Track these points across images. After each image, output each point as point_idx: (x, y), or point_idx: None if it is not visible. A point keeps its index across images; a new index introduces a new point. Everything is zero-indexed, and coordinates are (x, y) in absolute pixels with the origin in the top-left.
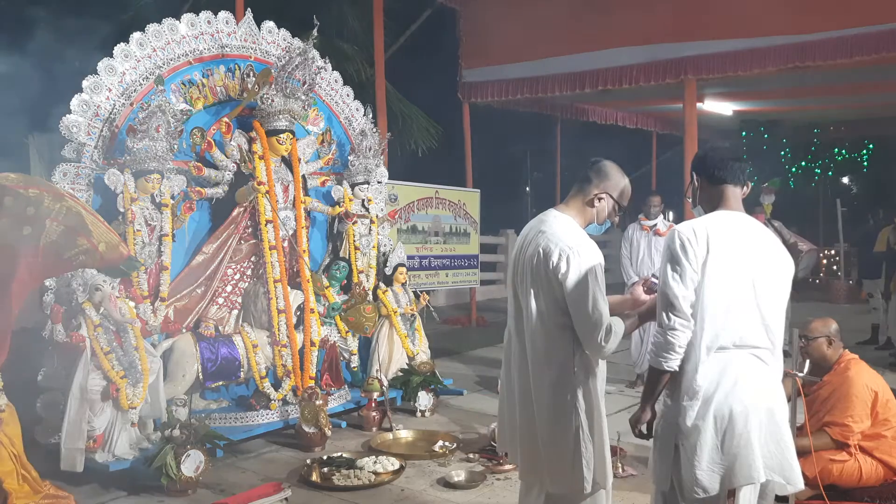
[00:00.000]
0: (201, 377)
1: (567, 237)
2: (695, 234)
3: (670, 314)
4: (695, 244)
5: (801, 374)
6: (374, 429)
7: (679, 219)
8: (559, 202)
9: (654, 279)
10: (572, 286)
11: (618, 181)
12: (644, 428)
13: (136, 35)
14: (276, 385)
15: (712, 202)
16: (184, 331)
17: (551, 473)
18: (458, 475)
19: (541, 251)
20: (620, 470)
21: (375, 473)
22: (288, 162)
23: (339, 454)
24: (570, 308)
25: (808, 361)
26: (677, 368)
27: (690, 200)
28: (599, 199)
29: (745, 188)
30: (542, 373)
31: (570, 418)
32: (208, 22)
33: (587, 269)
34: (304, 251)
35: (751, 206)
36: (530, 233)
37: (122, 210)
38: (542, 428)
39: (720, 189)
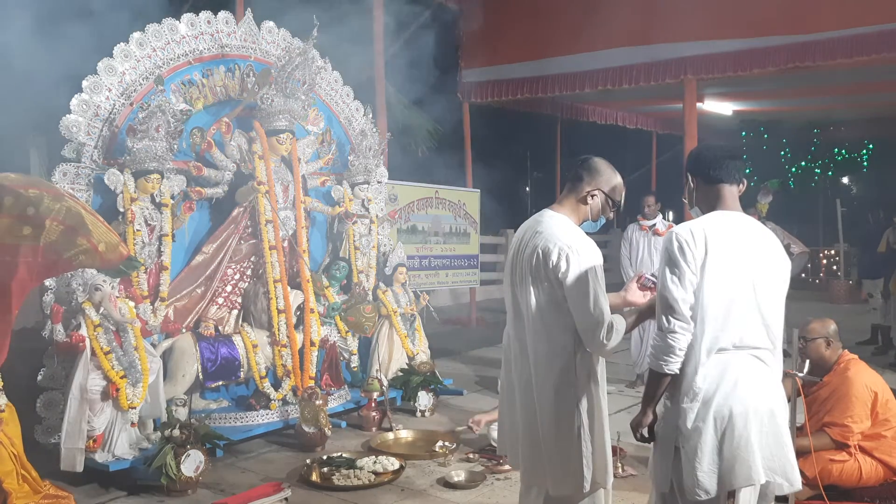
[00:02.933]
0: (201, 377)
1: (565, 236)
2: (693, 236)
3: (670, 317)
4: (693, 246)
5: (801, 375)
6: (374, 429)
7: (679, 219)
8: None
9: (648, 276)
10: (573, 284)
11: (609, 177)
12: (646, 431)
13: (135, 35)
14: (276, 385)
15: (709, 202)
16: (184, 331)
17: (553, 474)
18: (458, 475)
19: (539, 251)
20: (620, 470)
21: (375, 473)
22: (288, 162)
23: (339, 454)
24: (570, 306)
25: (807, 361)
26: (678, 371)
27: (687, 202)
28: (592, 196)
29: (741, 186)
30: (543, 373)
31: (572, 418)
32: (208, 22)
33: (587, 268)
34: (304, 251)
35: (746, 205)
36: (527, 233)
37: (122, 210)
38: (544, 428)
39: (717, 189)
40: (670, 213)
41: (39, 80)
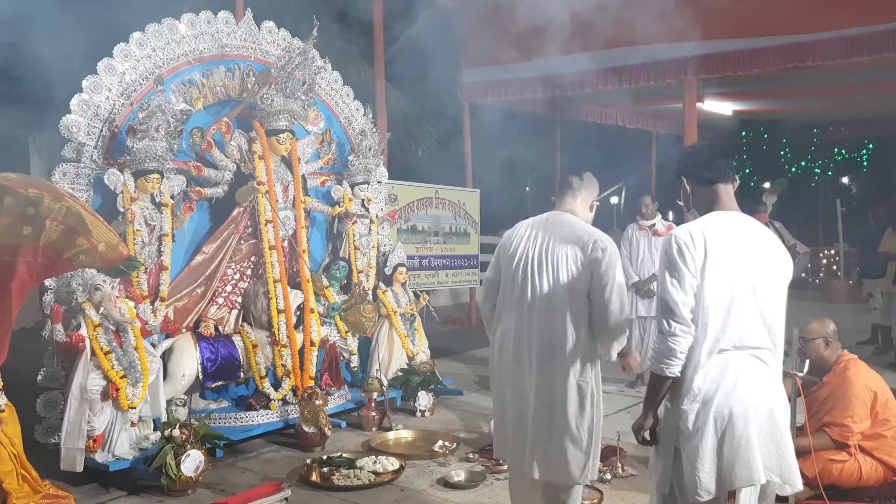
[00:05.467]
0: (201, 377)
1: (599, 233)
2: (692, 239)
3: (670, 320)
4: (692, 249)
5: (800, 375)
6: (374, 429)
7: (679, 219)
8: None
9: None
10: (607, 274)
11: (598, 187)
12: (647, 434)
13: (135, 35)
14: (276, 385)
15: (706, 203)
16: (184, 331)
17: (566, 465)
18: (458, 475)
19: (576, 243)
20: (620, 470)
21: (375, 473)
22: (288, 162)
23: (338, 454)
24: (596, 292)
25: (807, 361)
26: (679, 374)
27: (684, 204)
28: (594, 206)
29: (735, 183)
30: (563, 368)
31: (589, 411)
32: (208, 22)
33: (618, 264)
34: (304, 251)
35: (753, 205)
36: (547, 228)
37: (122, 210)
38: (563, 422)
39: (713, 189)
40: (670, 214)
41: (40, 80)
